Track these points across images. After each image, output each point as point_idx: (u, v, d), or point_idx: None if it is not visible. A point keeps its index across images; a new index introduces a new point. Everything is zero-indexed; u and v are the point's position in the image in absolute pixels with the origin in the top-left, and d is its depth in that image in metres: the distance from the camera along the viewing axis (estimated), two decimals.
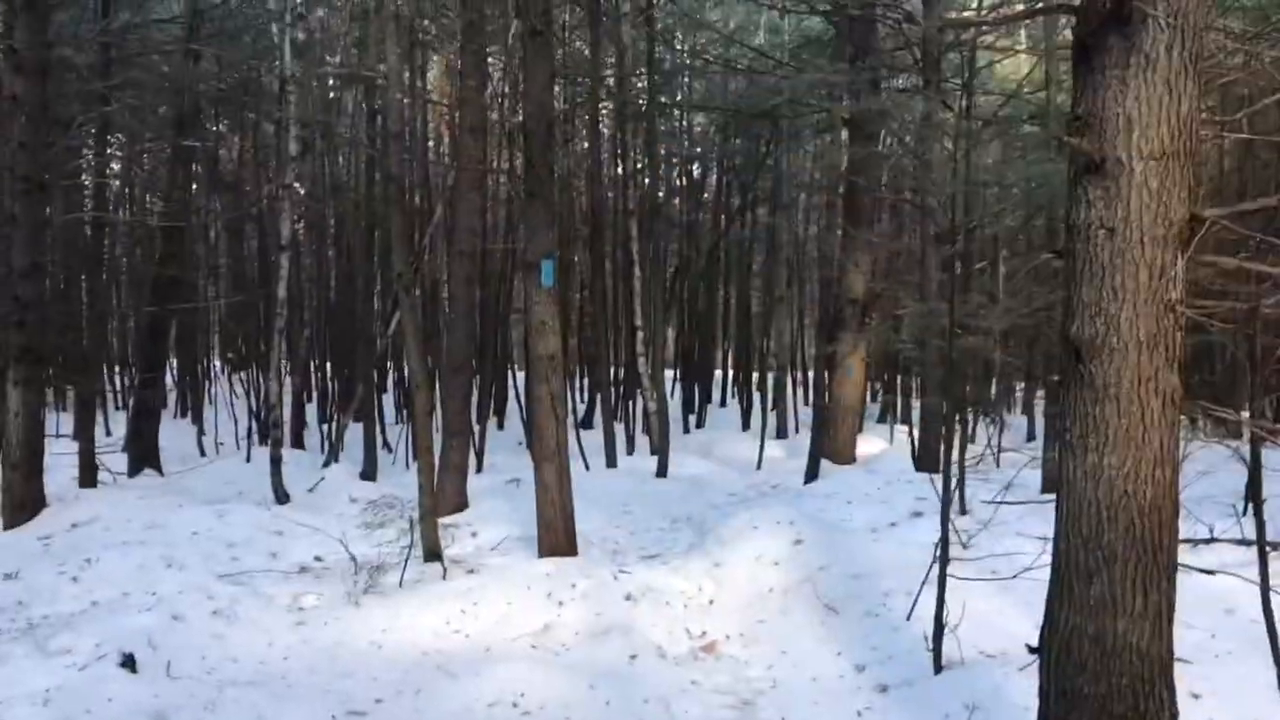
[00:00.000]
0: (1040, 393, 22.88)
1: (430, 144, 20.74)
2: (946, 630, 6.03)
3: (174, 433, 19.43)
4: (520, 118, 14.18)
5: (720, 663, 6.72)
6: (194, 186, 15.66)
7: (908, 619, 6.77)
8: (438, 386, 13.22)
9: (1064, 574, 4.05)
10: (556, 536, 8.38)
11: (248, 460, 16.09)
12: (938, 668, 5.96)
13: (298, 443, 19.81)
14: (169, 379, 22.62)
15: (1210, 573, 4.61)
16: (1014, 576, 6.04)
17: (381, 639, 6.89)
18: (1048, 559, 5.59)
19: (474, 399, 19.01)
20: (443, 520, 10.88)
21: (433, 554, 8.70)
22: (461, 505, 11.24)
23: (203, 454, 17.43)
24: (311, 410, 23.45)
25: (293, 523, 10.40)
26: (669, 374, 32.63)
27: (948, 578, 6.14)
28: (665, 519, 11.61)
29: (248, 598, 7.40)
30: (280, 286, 12.57)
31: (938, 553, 6.61)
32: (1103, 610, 3.90)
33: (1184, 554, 4.05)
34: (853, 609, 7.05)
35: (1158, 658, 3.90)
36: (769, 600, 7.38)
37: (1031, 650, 4.27)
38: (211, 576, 7.87)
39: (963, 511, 9.50)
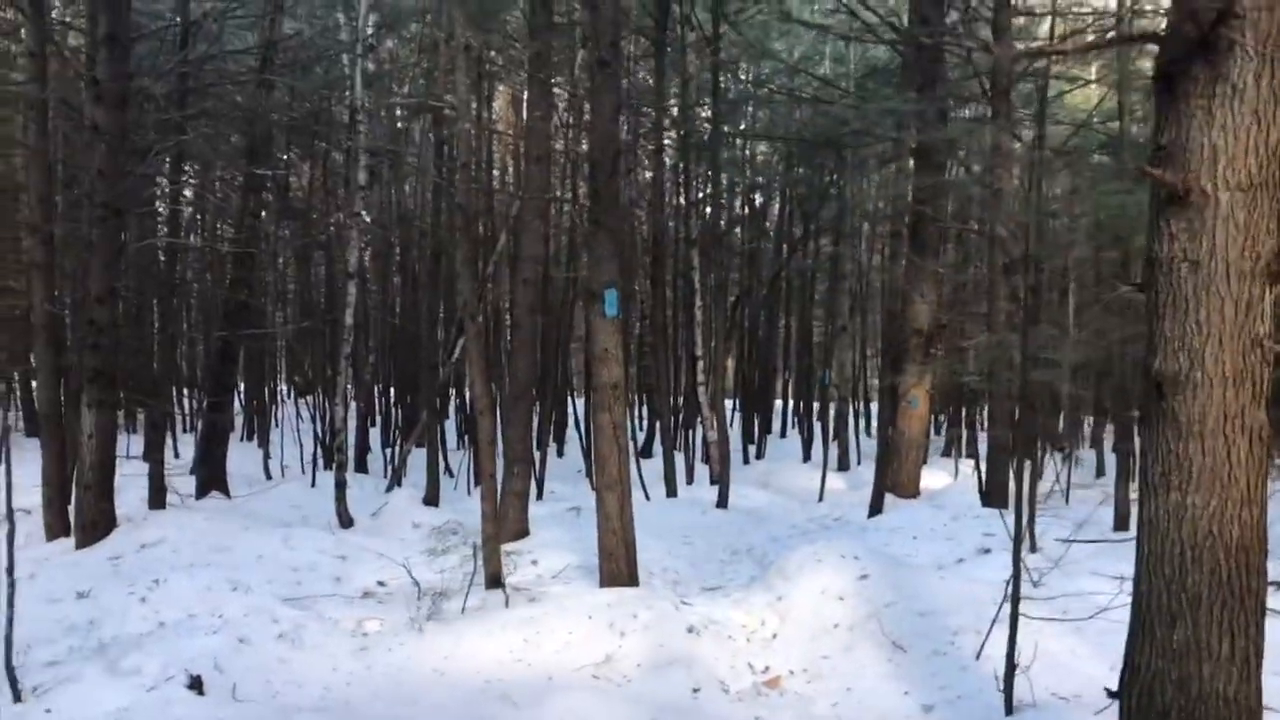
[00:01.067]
0: (1109, 427, 22.41)
1: (495, 173, 20.93)
2: (1018, 671, 5.87)
3: (241, 456, 19.77)
4: (585, 147, 14.28)
5: (784, 698, 6.62)
6: (264, 214, 15.95)
7: (977, 658, 6.61)
8: (499, 414, 13.28)
9: (1145, 617, 3.92)
10: (618, 566, 8.34)
11: (313, 484, 16.31)
12: (1009, 709, 5.80)
13: (361, 467, 20.04)
14: (236, 403, 23.07)
15: None
16: (1090, 617, 5.89)
17: (444, 666, 6.89)
18: (1124, 599, 5.45)
19: (534, 426, 19.13)
20: (505, 547, 10.89)
21: (495, 581, 8.70)
22: (523, 532, 11.26)
23: (268, 477, 17.68)
24: (375, 435, 23.75)
25: (356, 548, 10.51)
26: (728, 404, 32.69)
27: (1019, 616, 5.98)
28: (726, 550, 11.53)
29: (312, 622, 7.45)
30: (347, 313, 12.75)
31: (1009, 590, 6.45)
32: (1187, 655, 3.77)
33: (1272, 597, 3.90)
34: (920, 647, 6.91)
35: (1245, 706, 3.75)
36: (833, 635, 7.25)
37: (1111, 695, 4.13)
38: (276, 600, 7.94)
39: (1033, 549, 9.30)
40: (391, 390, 23.63)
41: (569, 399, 24.69)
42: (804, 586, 7.85)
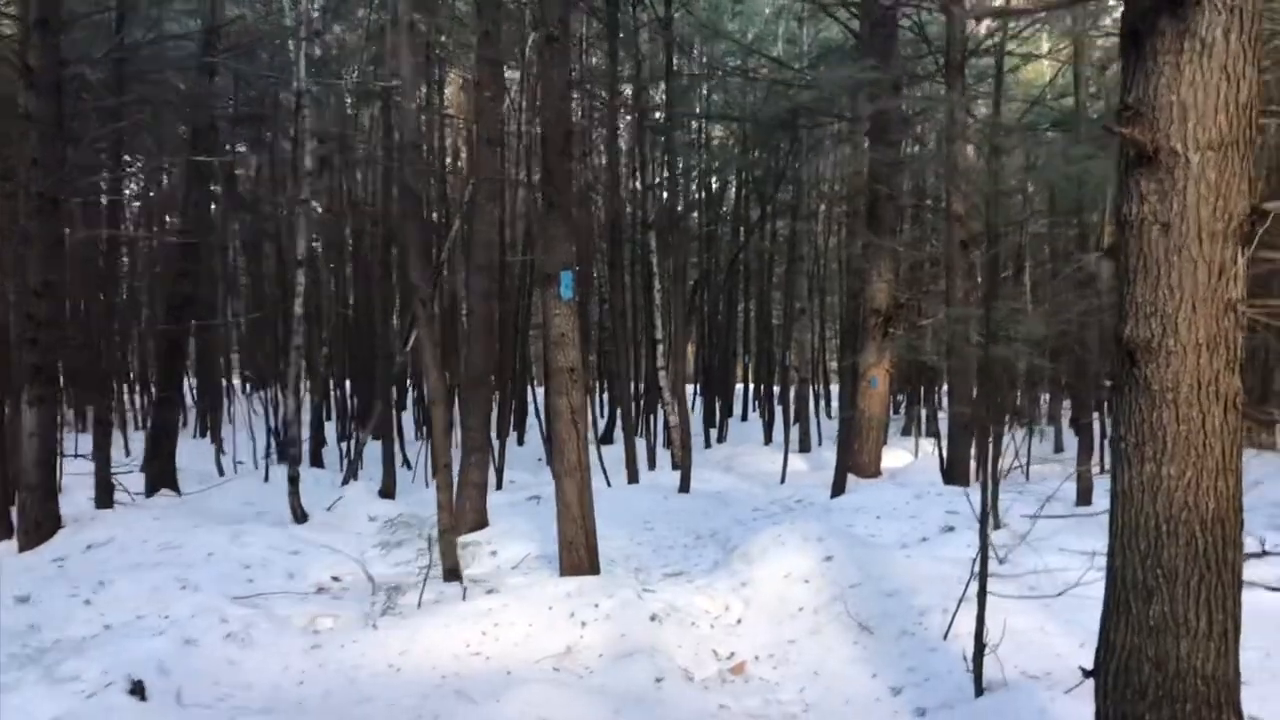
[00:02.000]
0: (1067, 403, 22.54)
1: (449, 159, 20.59)
2: (987, 650, 5.75)
3: (193, 452, 19.37)
4: (538, 129, 14.01)
5: (749, 685, 6.47)
6: (211, 204, 15.54)
7: (945, 638, 6.50)
8: (456, 402, 13.04)
9: (1120, 592, 3.79)
10: (578, 555, 8.16)
11: (266, 480, 15.97)
12: (979, 690, 5.69)
13: (316, 461, 19.70)
14: (188, 398, 22.60)
15: (1276, 589, 4.33)
16: (1059, 594, 5.78)
17: (400, 662, 6.67)
18: (1094, 575, 5.34)
19: (494, 415, 18.87)
20: (462, 539, 10.69)
21: (452, 573, 8.50)
22: (481, 523, 11.03)
23: (221, 473, 17.30)
24: (331, 428, 23.36)
25: (310, 543, 10.22)
26: (689, 388, 32.59)
27: (987, 595, 5.86)
28: (689, 535, 11.36)
29: (263, 620, 7.19)
30: (296, 303, 12.43)
31: (975, 568, 6.35)
32: (1164, 631, 3.64)
33: (1247, 569, 3.79)
34: (887, 628, 6.79)
35: (1224, 681, 3.64)
36: (799, 619, 7.12)
37: (1086, 674, 4.01)
38: (226, 599, 7.67)
39: (997, 525, 9.21)
40: (347, 382, 23.24)
41: (529, 386, 24.45)
42: (768, 570, 7.71)
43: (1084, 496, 10.10)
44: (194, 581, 8.23)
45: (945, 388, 24.72)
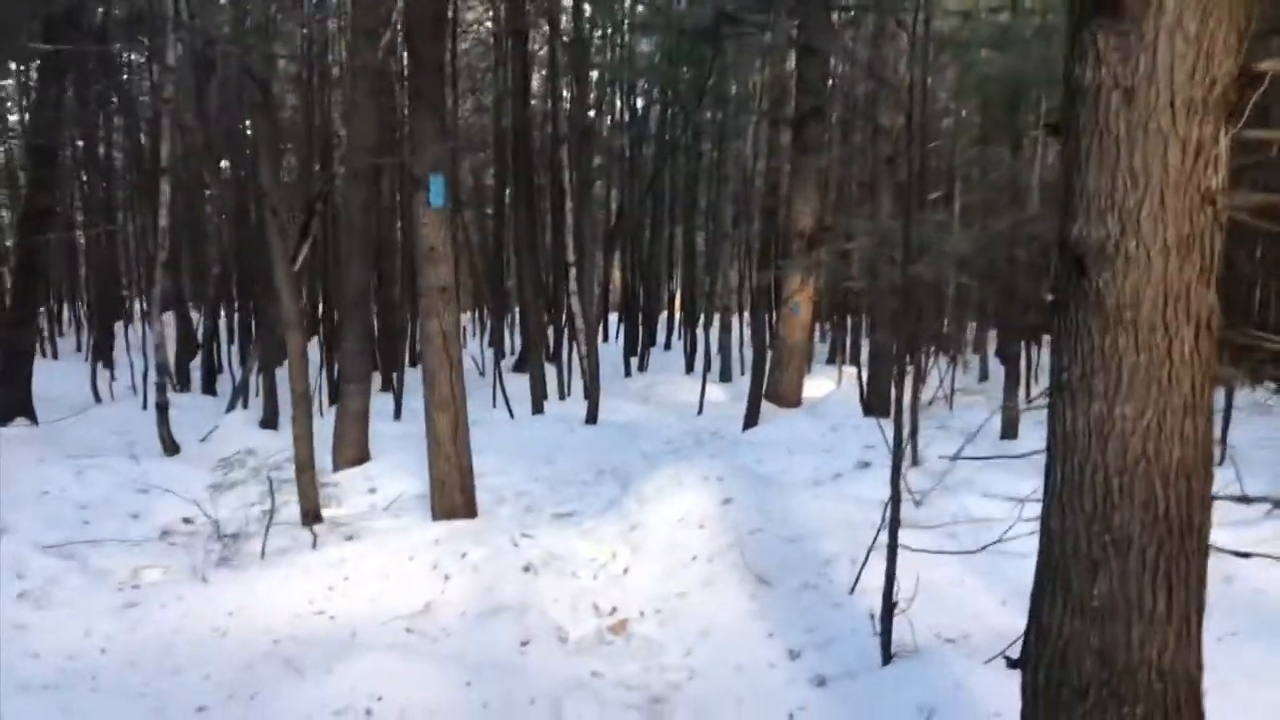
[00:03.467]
0: (993, 332, 22.05)
1: (331, 58, 19.08)
2: (897, 610, 5.00)
3: (75, 377, 18.02)
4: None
5: (630, 646, 5.66)
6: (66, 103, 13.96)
7: (851, 593, 5.75)
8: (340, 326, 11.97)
9: (1057, 565, 2.99)
10: (451, 497, 7.26)
11: (145, 407, 14.80)
12: (886, 657, 4.94)
13: (209, 388, 18.46)
14: (75, 317, 21.13)
15: (1245, 555, 3.58)
16: (981, 549, 5.03)
17: (228, 624, 5.75)
18: (1023, 529, 4.59)
19: (400, 342, 17.78)
20: (339, 475, 9.78)
21: (312, 516, 7.56)
22: (362, 457, 10.10)
23: (98, 400, 16.05)
24: (234, 353, 22.04)
25: (166, 478, 9.17)
26: (614, 316, 31.62)
27: (899, 547, 5.10)
28: (590, 470, 10.54)
29: (73, 575, 6.21)
30: (161, 214, 11.23)
31: (887, 514, 5.59)
32: (1112, 614, 2.85)
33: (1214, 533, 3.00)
34: (787, 580, 6.02)
35: (1184, 676, 2.87)
36: (691, 569, 6.32)
37: (1011, 664, 3.22)
38: (35, 548, 6.65)
39: (915, 462, 8.52)
40: (242, 303, 21.85)
41: None
42: (661, 513, 6.90)
43: (1009, 429, 9.44)
44: (7, 525, 7.17)
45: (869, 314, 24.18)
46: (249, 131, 15.43)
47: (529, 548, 6.58)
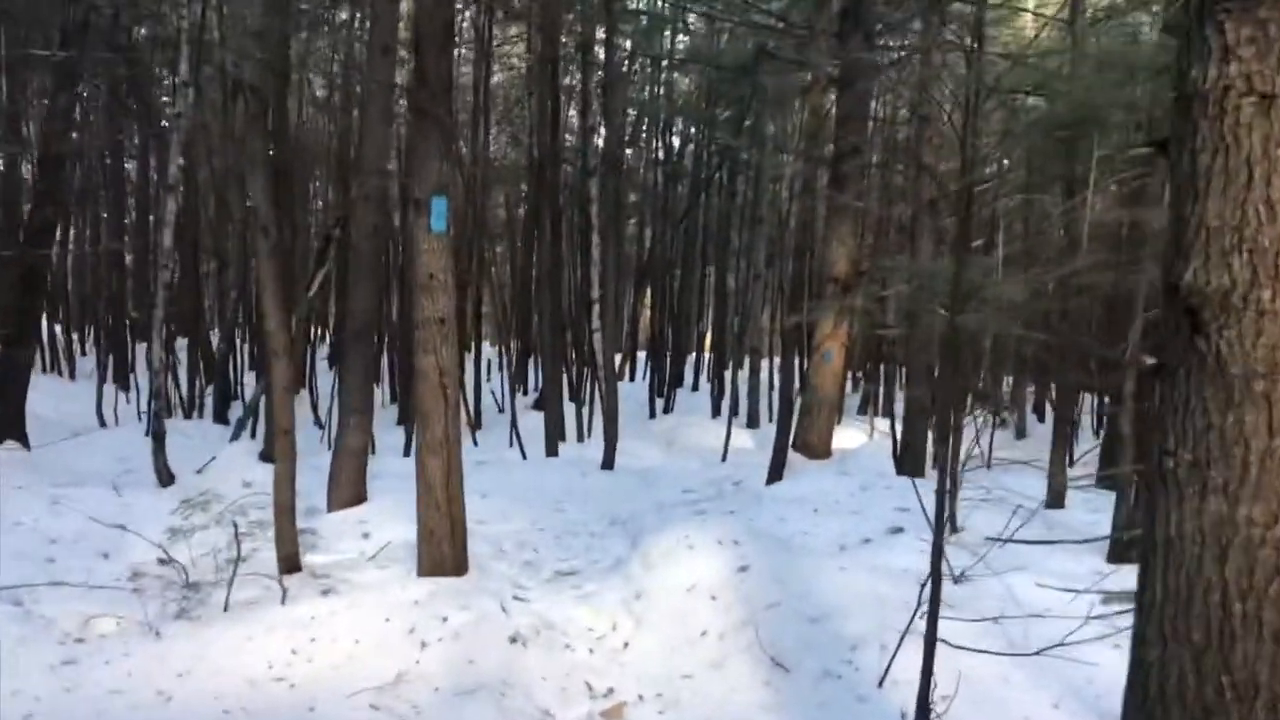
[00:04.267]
0: (1031, 388, 21.19)
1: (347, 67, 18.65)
2: (934, 715, 4.30)
3: (86, 398, 17.56)
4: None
5: None
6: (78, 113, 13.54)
7: (880, 685, 5.04)
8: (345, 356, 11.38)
9: (1154, 707, 2.30)
10: (440, 549, 6.61)
11: (148, 433, 14.31)
12: None
13: (222, 416, 17.96)
14: (92, 338, 20.76)
15: None
16: (1037, 653, 4.32)
17: (175, 687, 5.12)
18: (1090, 631, 3.89)
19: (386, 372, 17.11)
20: (332, 516, 9.16)
21: (289, 564, 6.92)
22: (359, 497, 9.46)
23: (102, 424, 15.59)
24: (251, 380, 21.58)
25: (148, 513, 8.62)
26: (642, 355, 30.99)
27: (936, 640, 4.40)
28: (602, 520, 9.87)
29: (14, 623, 5.61)
30: (165, 233, 10.76)
31: (924, 595, 4.91)
32: None
33: None
34: (807, 666, 5.31)
35: None
36: (700, 647, 5.63)
37: None
38: None
39: (953, 530, 7.78)
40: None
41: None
42: (669, 580, 6.22)
43: (1055, 499, 8.67)
44: None
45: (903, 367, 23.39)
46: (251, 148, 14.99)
47: (520, 613, 5.92)
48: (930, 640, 4.38)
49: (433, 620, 5.68)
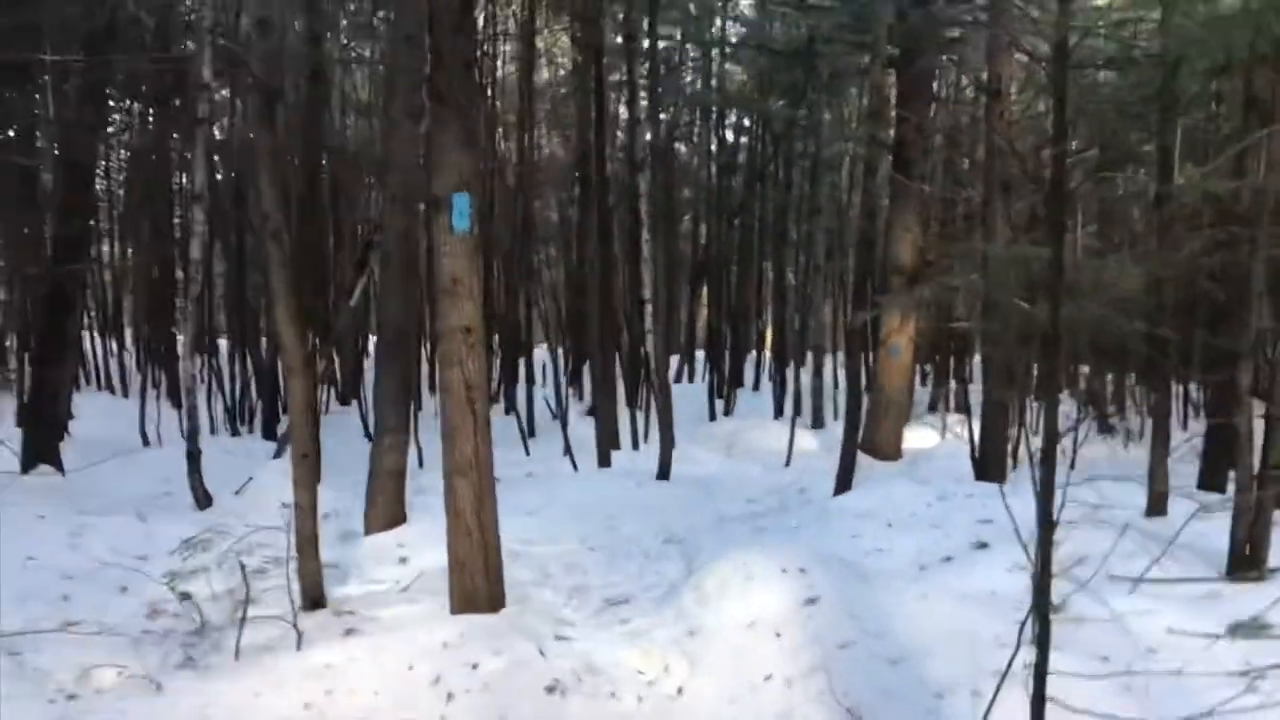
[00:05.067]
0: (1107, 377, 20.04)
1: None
2: None
3: (130, 416, 17.23)
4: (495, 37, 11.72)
5: None
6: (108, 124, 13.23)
7: None
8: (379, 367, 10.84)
9: None
10: (472, 584, 5.98)
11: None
12: None
13: (270, 432, 17.61)
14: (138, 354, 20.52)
15: None
16: None
17: None
18: (1251, 699, 3.15)
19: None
20: (371, 539, 8.62)
21: (313, 601, 6.35)
22: (398, 519, 8.91)
23: (145, 443, 15.24)
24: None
25: (173, 542, 8.13)
26: (700, 355, 30.21)
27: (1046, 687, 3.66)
28: (658, 537, 9.20)
29: (5, 677, 5.08)
30: (193, 245, 10.31)
31: (1024, 631, 4.17)
32: None
33: None
34: (888, 718, 4.59)
35: None
36: (764, 695, 4.92)
37: None
38: None
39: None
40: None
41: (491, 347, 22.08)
42: (727, 615, 5.52)
43: (1157, 505, 7.81)
44: None
45: (979, 358, 22.35)
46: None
47: (560, 656, 5.27)
48: (1039, 697, 3.65)
49: (461, 668, 5.05)
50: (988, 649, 4.93)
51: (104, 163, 22.34)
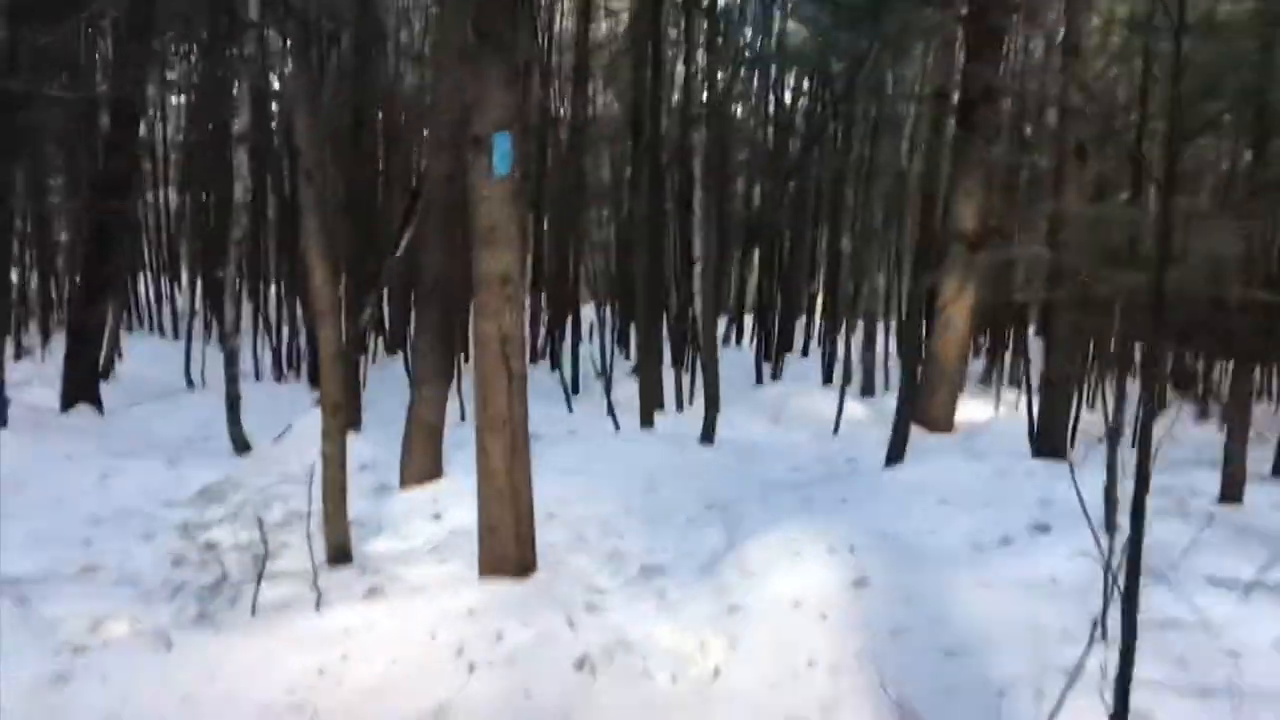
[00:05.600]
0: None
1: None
2: None
3: (182, 359, 17.19)
4: None
5: None
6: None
7: None
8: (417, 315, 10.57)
9: None
10: (503, 547, 5.68)
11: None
12: None
13: (316, 378, 17.51)
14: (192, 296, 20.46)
15: None
16: None
17: (176, 714, 4.31)
18: None
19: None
20: (405, 494, 8.40)
21: (340, 554, 6.11)
22: (435, 473, 8.67)
23: (190, 385, 15.18)
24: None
25: (204, 487, 7.96)
26: (749, 319, 29.70)
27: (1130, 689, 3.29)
28: (699, 503, 8.85)
29: (12, 626, 4.87)
30: (236, 188, 10.05)
31: (1094, 629, 3.80)
32: None
33: None
34: (944, 716, 4.23)
35: None
36: (807, 682, 4.58)
37: None
38: None
39: (1110, 528, 6.54)
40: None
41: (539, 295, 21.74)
42: (770, 592, 5.17)
43: (1232, 490, 7.33)
44: None
45: (1034, 328, 21.66)
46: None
47: (590, 628, 4.96)
48: (1121, 700, 3.27)
49: (486, 637, 4.76)
50: (1053, 643, 4.55)
51: (158, 106, 22.31)
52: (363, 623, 4.95)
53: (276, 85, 18.66)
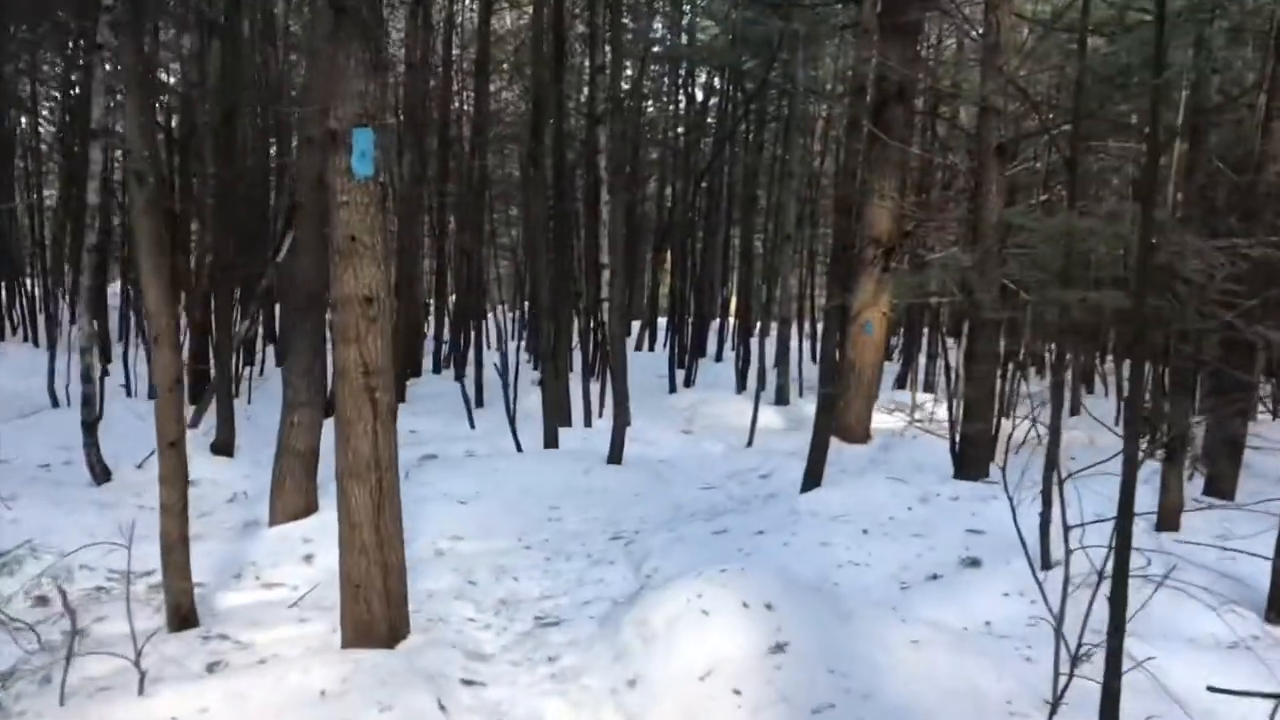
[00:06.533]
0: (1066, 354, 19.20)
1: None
2: None
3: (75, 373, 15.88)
4: None
5: None
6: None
7: None
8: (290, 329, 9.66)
9: None
10: (369, 610, 4.89)
11: (98, 416, 12.67)
12: None
13: (195, 394, 16.36)
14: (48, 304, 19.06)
15: None
16: None
17: None
18: None
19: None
20: (274, 531, 7.56)
21: (181, 619, 5.26)
22: (308, 508, 7.83)
23: (54, 403, 13.95)
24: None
25: (38, 529, 7.02)
26: (662, 322, 29.12)
27: None
28: (604, 532, 8.18)
29: None
30: (90, 188, 9.08)
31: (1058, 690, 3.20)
32: None
33: None
34: None
35: None
36: None
37: None
38: None
39: (1044, 565, 6.00)
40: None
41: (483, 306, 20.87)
42: (676, 661, 4.48)
43: (1168, 520, 6.87)
44: None
45: (963, 331, 21.39)
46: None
47: (466, 710, 4.22)
48: None
49: None
50: (996, 710, 3.96)
51: (31, 100, 20.87)
52: (192, 711, 4.14)
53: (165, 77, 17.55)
